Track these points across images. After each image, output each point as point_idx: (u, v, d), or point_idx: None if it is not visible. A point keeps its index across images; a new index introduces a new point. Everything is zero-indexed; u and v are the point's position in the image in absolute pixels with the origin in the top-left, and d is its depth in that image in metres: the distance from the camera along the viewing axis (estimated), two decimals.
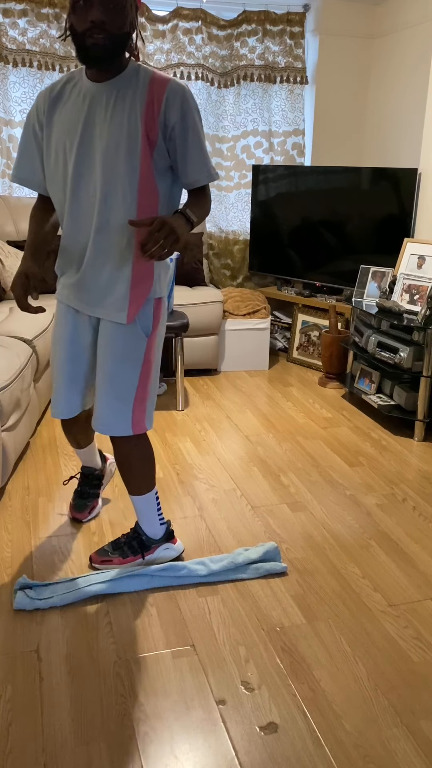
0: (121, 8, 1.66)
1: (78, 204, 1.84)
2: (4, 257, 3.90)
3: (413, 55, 4.31)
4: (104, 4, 1.63)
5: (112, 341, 1.92)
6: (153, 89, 1.74)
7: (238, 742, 1.56)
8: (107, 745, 1.55)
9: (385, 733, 1.59)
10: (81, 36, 1.68)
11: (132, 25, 1.72)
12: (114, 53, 1.71)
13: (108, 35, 1.67)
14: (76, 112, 1.78)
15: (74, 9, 1.66)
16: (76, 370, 2.04)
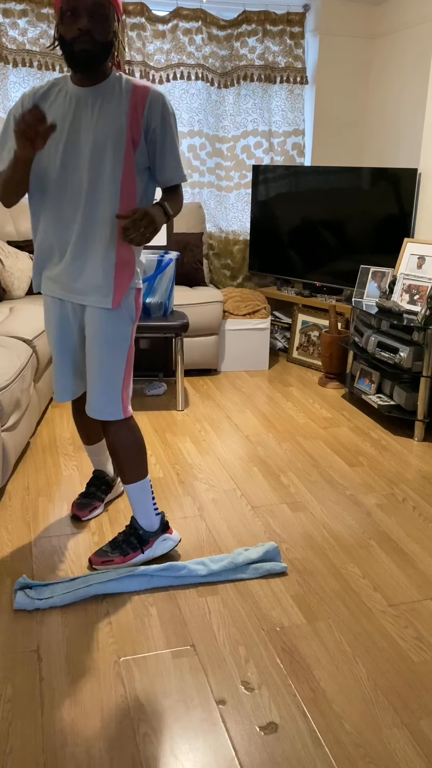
0: (105, 18, 1.83)
1: (63, 196, 1.95)
2: (4, 257, 3.90)
3: (413, 56, 4.31)
4: (90, 13, 1.80)
5: (101, 328, 2.03)
6: (136, 94, 1.90)
7: (238, 742, 1.56)
8: (107, 745, 1.55)
9: (385, 733, 1.59)
10: (70, 43, 1.83)
11: (115, 34, 1.89)
12: (100, 58, 1.86)
13: (94, 41, 1.83)
14: (63, 112, 1.92)
15: (62, 20, 1.82)
16: (70, 358, 2.16)
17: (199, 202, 4.73)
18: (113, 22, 1.86)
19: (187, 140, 4.65)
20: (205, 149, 4.71)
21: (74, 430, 3.35)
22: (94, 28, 1.82)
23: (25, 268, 4.03)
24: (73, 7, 1.79)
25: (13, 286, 3.94)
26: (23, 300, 3.94)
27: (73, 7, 1.79)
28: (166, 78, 4.49)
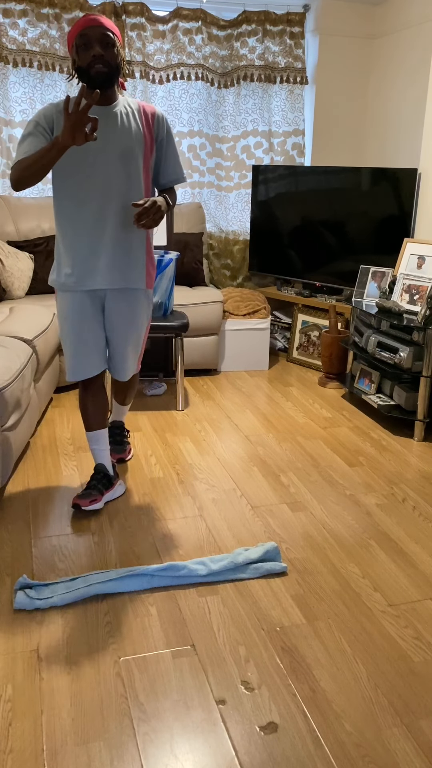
0: (113, 46, 2.26)
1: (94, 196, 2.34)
2: (4, 257, 3.90)
3: (413, 56, 4.31)
4: (100, 43, 2.23)
5: (136, 307, 2.51)
6: (145, 113, 2.40)
7: (238, 742, 1.56)
8: (107, 745, 1.55)
9: (385, 733, 1.59)
10: (86, 69, 2.24)
11: (122, 59, 2.32)
12: (112, 79, 2.29)
13: (107, 64, 2.25)
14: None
15: (78, 52, 2.25)
16: (95, 341, 2.50)
17: (199, 202, 4.73)
18: (120, 49, 2.29)
19: (187, 140, 4.65)
20: (205, 149, 4.71)
21: (74, 430, 3.35)
22: (105, 54, 2.24)
23: (25, 268, 4.03)
24: (86, 40, 2.22)
25: (13, 286, 3.94)
26: (23, 300, 3.94)
27: (86, 41, 2.22)
28: (166, 78, 4.49)
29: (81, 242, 2.37)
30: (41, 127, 2.27)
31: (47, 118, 2.29)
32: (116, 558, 2.28)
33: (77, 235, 2.37)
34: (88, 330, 2.47)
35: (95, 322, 2.48)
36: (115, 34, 2.27)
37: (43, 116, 2.29)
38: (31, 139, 2.25)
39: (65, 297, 2.44)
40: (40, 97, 4.30)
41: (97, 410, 2.60)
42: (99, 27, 2.22)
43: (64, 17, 4.20)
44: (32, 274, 4.10)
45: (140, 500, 2.69)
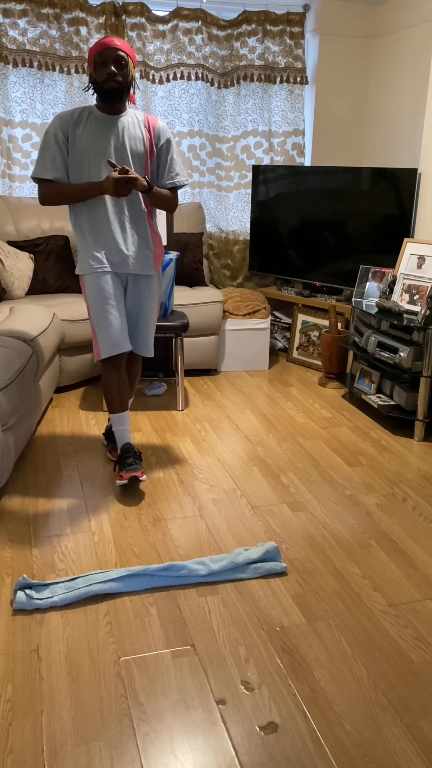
0: (126, 65, 2.60)
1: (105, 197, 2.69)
2: (4, 257, 3.90)
3: (413, 56, 4.31)
4: (115, 62, 2.58)
5: (150, 290, 2.84)
6: (148, 124, 2.73)
7: (238, 742, 1.56)
8: (107, 745, 1.55)
9: (385, 733, 1.59)
10: (101, 84, 2.60)
11: (132, 78, 2.65)
12: (123, 94, 2.63)
13: (118, 81, 2.59)
14: (99, 132, 2.65)
15: (95, 69, 2.59)
16: (122, 318, 2.76)
17: (199, 202, 4.73)
18: (131, 69, 2.63)
19: (187, 140, 4.65)
20: (205, 149, 4.71)
21: (74, 430, 3.35)
22: (119, 73, 2.58)
23: (25, 268, 4.03)
24: (104, 59, 2.56)
25: (13, 286, 3.94)
26: (23, 300, 3.94)
27: (103, 59, 2.56)
28: (166, 78, 4.49)
29: (105, 232, 2.70)
30: (60, 141, 2.63)
31: (63, 130, 2.63)
32: (116, 558, 2.28)
33: (99, 228, 2.70)
34: (119, 307, 2.74)
35: (121, 302, 2.77)
36: (129, 56, 2.61)
37: (60, 129, 2.63)
38: (51, 153, 2.63)
39: (94, 278, 2.71)
40: (40, 97, 4.30)
41: (122, 390, 2.80)
42: (115, 49, 2.57)
43: (64, 17, 4.20)
44: (32, 274, 4.10)
45: (140, 500, 2.69)
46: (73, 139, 2.65)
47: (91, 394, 3.89)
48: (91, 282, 2.72)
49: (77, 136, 2.64)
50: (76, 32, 4.23)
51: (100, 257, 2.71)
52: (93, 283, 2.72)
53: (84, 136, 2.64)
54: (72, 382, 3.91)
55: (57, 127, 2.65)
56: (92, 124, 2.66)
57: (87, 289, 2.73)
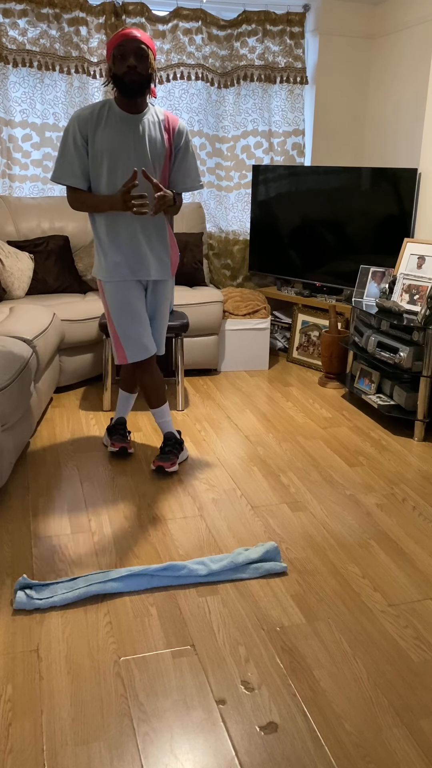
0: (146, 57, 2.49)
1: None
2: (4, 257, 3.90)
3: (413, 55, 4.31)
4: (135, 54, 2.46)
5: (166, 294, 2.84)
6: (168, 122, 2.64)
7: (238, 742, 1.56)
8: (107, 745, 1.55)
9: (385, 733, 1.59)
10: (121, 78, 2.49)
11: (153, 70, 2.53)
12: (143, 88, 2.52)
13: (139, 74, 2.48)
14: (119, 133, 2.56)
15: (114, 61, 2.49)
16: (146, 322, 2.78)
17: (199, 202, 4.73)
18: (152, 61, 2.51)
19: None
20: (205, 149, 4.71)
21: (74, 430, 3.35)
22: (139, 65, 2.47)
23: (25, 268, 4.03)
24: (123, 51, 2.46)
25: (13, 286, 3.94)
26: (23, 300, 3.94)
27: (123, 51, 2.46)
28: (166, 78, 4.49)
29: (123, 239, 2.66)
30: (79, 144, 2.56)
31: (82, 132, 2.56)
32: (116, 558, 2.28)
33: (118, 233, 2.66)
34: (142, 313, 2.76)
35: (143, 306, 2.78)
36: (149, 48, 2.50)
37: (78, 131, 2.55)
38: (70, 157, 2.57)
39: (120, 285, 2.71)
40: (40, 97, 4.30)
41: (158, 388, 2.88)
42: (135, 40, 2.46)
43: (64, 17, 4.20)
44: (32, 274, 4.10)
45: (140, 500, 2.69)
46: (92, 141, 2.56)
47: (91, 394, 3.89)
48: (112, 290, 2.71)
49: (97, 138, 2.56)
50: (76, 32, 4.23)
51: (120, 264, 2.68)
52: (115, 291, 2.71)
53: (104, 138, 2.56)
54: (72, 382, 3.91)
55: (75, 129, 2.56)
56: (112, 124, 2.56)
57: (108, 296, 2.73)
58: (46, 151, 4.41)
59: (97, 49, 4.32)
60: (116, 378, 4.16)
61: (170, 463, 2.89)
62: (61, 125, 4.39)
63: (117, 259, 2.67)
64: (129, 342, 2.76)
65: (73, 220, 4.35)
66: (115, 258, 2.67)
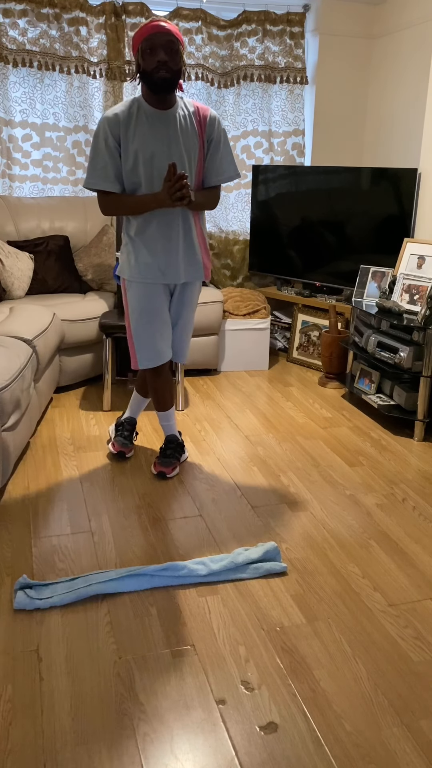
0: (177, 51, 2.39)
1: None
2: (4, 257, 3.90)
3: (413, 56, 4.31)
4: (165, 49, 2.36)
5: (192, 299, 2.77)
6: (198, 114, 2.53)
7: (238, 742, 1.56)
8: (107, 745, 1.55)
9: (385, 733, 1.59)
10: (150, 73, 2.38)
11: (183, 62, 2.44)
12: (173, 83, 2.41)
13: (169, 69, 2.37)
14: (150, 131, 2.47)
15: (143, 56, 2.38)
16: (167, 328, 2.73)
17: None
18: (182, 54, 2.42)
19: None
20: None
21: (74, 430, 3.35)
22: (170, 60, 2.36)
23: (25, 268, 4.03)
24: (152, 45, 2.35)
25: (13, 286, 3.94)
26: (23, 300, 3.94)
27: (152, 45, 2.35)
28: None
29: (155, 238, 2.57)
30: (111, 147, 2.47)
31: (114, 134, 2.47)
32: (116, 558, 2.28)
33: (150, 233, 2.57)
34: (163, 320, 2.69)
35: (166, 312, 2.71)
36: (179, 40, 2.39)
37: (110, 133, 2.47)
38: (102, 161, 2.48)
39: (145, 288, 2.64)
40: (40, 97, 4.30)
41: (166, 392, 2.89)
42: (165, 33, 2.35)
43: (64, 17, 4.20)
44: (32, 274, 4.10)
45: (140, 500, 2.69)
46: (125, 142, 2.47)
47: (91, 394, 3.89)
48: (137, 292, 2.65)
49: (129, 138, 2.47)
50: (76, 32, 4.23)
51: (150, 266, 2.60)
52: (139, 293, 2.65)
53: (136, 138, 2.47)
54: (72, 382, 3.91)
55: (106, 132, 2.47)
56: (144, 122, 2.47)
57: (130, 296, 2.66)
58: (46, 151, 4.41)
59: (97, 49, 4.32)
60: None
61: (171, 468, 2.89)
62: (62, 125, 4.39)
63: (147, 260, 2.59)
64: (142, 347, 2.71)
65: (73, 220, 4.35)
66: (146, 259, 2.59)
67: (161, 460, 2.91)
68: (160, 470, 2.86)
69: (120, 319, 3.59)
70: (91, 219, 4.39)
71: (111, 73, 4.34)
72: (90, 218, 4.39)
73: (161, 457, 2.93)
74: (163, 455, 2.93)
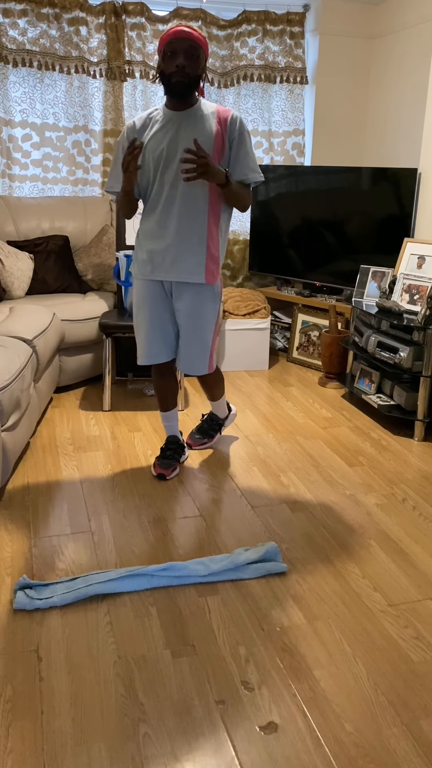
0: (197, 58, 2.42)
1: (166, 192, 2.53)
2: (4, 257, 3.90)
3: (413, 56, 4.31)
4: (186, 54, 2.39)
5: (196, 303, 2.64)
6: (219, 116, 2.53)
7: (238, 742, 1.56)
8: (107, 745, 1.55)
9: (385, 733, 1.59)
10: (168, 76, 2.43)
11: (203, 69, 2.48)
12: (191, 89, 2.46)
13: (187, 75, 2.41)
14: (162, 131, 2.51)
15: (164, 59, 2.42)
16: (163, 328, 2.70)
17: None
18: (203, 60, 2.45)
19: None
20: None
21: (74, 430, 3.35)
22: (189, 65, 2.40)
23: (25, 268, 4.03)
24: (174, 49, 2.38)
25: (13, 286, 3.94)
26: (23, 300, 3.94)
27: (173, 49, 2.38)
28: None
29: (152, 235, 2.60)
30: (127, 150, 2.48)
31: (130, 139, 2.56)
32: (116, 558, 2.28)
33: (149, 228, 2.61)
34: (157, 318, 2.68)
35: (165, 312, 2.69)
36: (201, 46, 2.43)
37: (126, 138, 2.58)
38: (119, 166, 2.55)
39: (140, 284, 2.68)
40: (40, 97, 4.30)
41: (168, 393, 2.90)
42: (186, 39, 2.38)
43: (64, 17, 4.20)
44: (32, 274, 4.10)
45: (140, 500, 2.69)
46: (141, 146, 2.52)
47: (91, 394, 3.89)
48: (136, 288, 2.71)
49: (145, 140, 2.54)
50: (76, 32, 4.23)
51: (145, 262, 2.63)
52: (137, 289, 2.70)
53: (150, 139, 2.53)
54: (72, 382, 3.91)
55: (124, 138, 2.60)
56: (160, 124, 2.54)
57: (133, 293, 2.74)
58: (45, 151, 4.41)
59: (97, 49, 4.32)
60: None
61: (171, 469, 2.89)
62: (62, 125, 4.39)
63: (144, 256, 2.64)
64: (139, 343, 2.76)
65: (73, 220, 4.35)
66: (143, 255, 2.64)
67: (161, 461, 2.91)
68: (159, 472, 2.86)
69: (120, 319, 3.59)
70: (91, 219, 4.39)
71: (111, 73, 4.34)
72: (90, 218, 4.39)
73: (161, 458, 2.93)
74: (163, 456, 2.94)
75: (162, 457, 2.93)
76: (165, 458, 2.93)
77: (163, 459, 2.92)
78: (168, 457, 2.93)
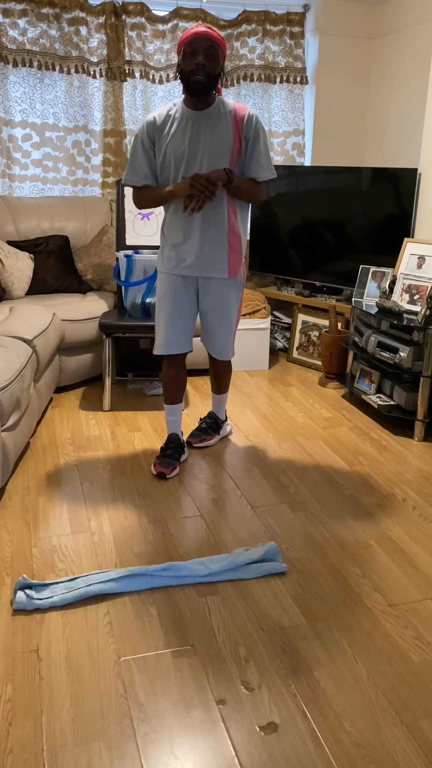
0: (216, 57, 2.51)
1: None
2: (4, 257, 3.90)
3: (413, 55, 4.31)
4: (205, 53, 2.48)
5: (222, 295, 2.79)
6: (237, 115, 2.61)
7: (238, 742, 1.56)
8: (107, 745, 1.55)
9: (385, 733, 1.59)
10: (187, 75, 2.51)
11: (222, 69, 2.56)
12: (209, 87, 2.53)
13: (206, 73, 2.49)
14: (182, 130, 2.60)
15: (184, 58, 2.51)
16: (183, 321, 2.81)
17: None
18: (221, 60, 2.55)
19: None
20: None
21: (74, 430, 3.35)
22: (208, 64, 2.49)
23: (25, 268, 4.03)
24: (194, 48, 2.47)
25: (13, 286, 3.94)
26: (23, 300, 3.94)
27: (193, 49, 2.47)
28: (166, 78, 4.49)
29: (177, 231, 2.71)
30: (146, 146, 2.63)
31: (150, 135, 2.63)
32: (116, 558, 2.28)
33: (174, 224, 2.71)
34: (179, 311, 2.78)
35: (187, 304, 2.79)
36: (220, 46, 2.53)
37: (146, 134, 2.63)
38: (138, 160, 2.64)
39: (164, 277, 2.78)
40: (40, 97, 4.30)
41: (176, 386, 2.94)
42: (206, 39, 2.48)
43: (64, 17, 4.20)
44: (32, 274, 4.10)
45: (140, 500, 2.69)
46: (159, 143, 2.63)
47: (91, 394, 3.89)
48: (161, 281, 2.81)
49: (163, 138, 2.62)
50: (76, 32, 4.23)
51: (171, 257, 2.74)
52: (162, 283, 2.80)
53: (170, 137, 2.61)
54: (72, 382, 3.91)
55: (144, 132, 2.65)
56: (178, 122, 2.61)
57: (158, 286, 2.83)
58: (45, 151, 4.41)
59: (97, 49, 4.32)
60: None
61: (171, 469, 2.89)
62: (62, 125, 4.39)
63: (170, 252, 2.74)
64: (158, 334, 2.84)
65: (73, 220, 4.35)
66: (170, 251, 2.74)
67: (161, 460, 2.91)
68: (159, 471, 2.86)
69: (120, 319, 3.59)
70: (91, 219, 4.40)
71: (111, 73, 4.34)
72: (90, 218, 4.39)
73: (161, 457, 2.93)
74: (164, 455, 2.94)
75: (162, 456, 2.93)
76: (165, 457, 2.93)
77: (163, 458, 2.92)
78: (168, 456, 2.94)
